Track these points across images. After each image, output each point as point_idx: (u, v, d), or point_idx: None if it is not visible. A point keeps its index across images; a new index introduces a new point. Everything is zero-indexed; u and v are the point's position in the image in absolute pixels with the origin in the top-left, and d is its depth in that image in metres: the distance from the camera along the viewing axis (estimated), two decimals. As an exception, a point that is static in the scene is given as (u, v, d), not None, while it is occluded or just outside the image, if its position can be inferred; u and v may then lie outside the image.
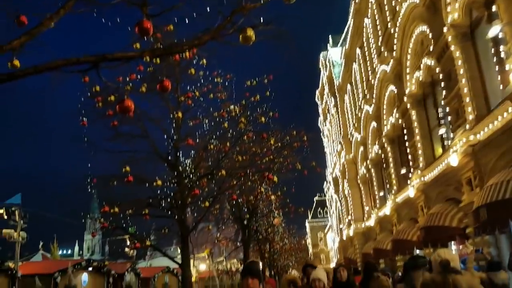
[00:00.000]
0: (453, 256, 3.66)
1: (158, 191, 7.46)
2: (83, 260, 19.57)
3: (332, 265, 62.23)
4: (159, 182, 6.83)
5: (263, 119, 9.29)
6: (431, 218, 14.24)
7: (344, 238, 37.46)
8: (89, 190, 7.28)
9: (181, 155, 8.02)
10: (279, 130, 13.80)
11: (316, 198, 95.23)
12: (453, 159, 12.96)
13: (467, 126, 12.40)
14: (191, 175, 7.74)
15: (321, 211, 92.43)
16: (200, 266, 58.07)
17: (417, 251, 19.63)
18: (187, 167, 8.25)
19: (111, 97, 7.60)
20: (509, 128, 10.44)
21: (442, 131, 15.43)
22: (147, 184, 6.96)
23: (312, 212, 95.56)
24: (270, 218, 21.90)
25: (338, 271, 6.32)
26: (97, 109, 7.76)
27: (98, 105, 7.74)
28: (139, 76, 8.02)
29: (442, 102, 15.56)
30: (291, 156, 13.62)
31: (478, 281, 3.68)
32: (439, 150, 16.51)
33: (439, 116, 16.25)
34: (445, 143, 15.85)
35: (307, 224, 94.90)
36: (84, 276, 18.11)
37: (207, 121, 9.58)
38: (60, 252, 75.25)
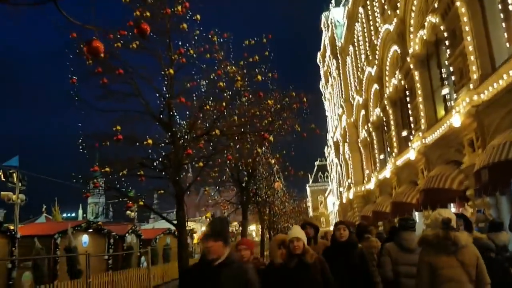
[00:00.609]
0: (452, 215, 3.84)
1: (150, 151, 7.22)
2: (84, 221, 19.61)
3: (331, 228, 63.07)
4: (150, 141, 6.57)
5: (259, 77, 8.90)
6: (431, 180, 14.12)
7: (344, 201, 37.73)
8: (81, 150, 7.07)
9: (176, 114, 7.73)
10: (278, 91, 13.38)
11: (317, 163, 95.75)
12: (456, 119, 12.68)
13: (471, 86, 12.04)
14: (186, 136, 7.49)
15: (322, 175, 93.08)
16: (203, 228, 59.25)
17: (416, 214, 19.71)
18: (183, 128, 7.98)
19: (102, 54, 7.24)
20: (515, 87, 10.11)
21: (445, 91, 15.06)
22: (137, 143, 6.70)
23: (313, 176, 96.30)
24: (271, 181, 21.80)
25: (338, 229, 5.16)
26: (88, 67, 7.42)
27: (88, 63, 7.39)
28: (130, 34, 7.62)
29: (446, 62, 15.11)
30: (291, 118, 13.29)
31: (471, 239, 3.88)
32: (441, 112, 16.20)
33: (443, 76, 15.84)
34: (447, 105, 15.52)
35: (307, 188, 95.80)
36: (85, 238, 18.27)
37: (204, 82, 9.22)
38: (64, 215, 76.23)
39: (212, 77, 8.52)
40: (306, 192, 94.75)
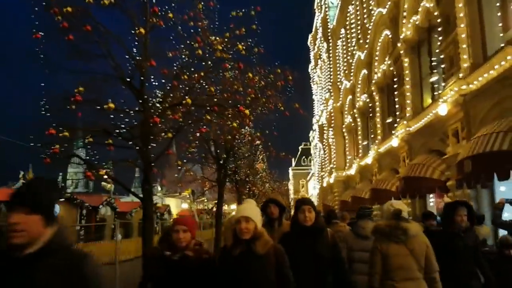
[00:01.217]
0: (404, 207, 4.11)
1: (120, 118, 6.67)
2: (55, 190, 19.00)
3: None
4: (112, 105, 6.05)
5: (240, 46, 8.36)
6: (413, 168, 13.90)
7: (325, 185, 37.73)
8: (43, 112, 6.50)
9: (149, 82, 7.18)
10: (263, 66, 12.81)
11: (301, 147, 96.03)
12: (442, 108, 12.38)
13: (461, 75, 11.71)
14: (157, 104, 6.98)
15: (305, 159, 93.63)
16: (182, 205, 58.97)
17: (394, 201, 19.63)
18: (156, 97, 7.45)
19: (68, 8, 6.63)
20: (505, 77, 9.79)
21: (434, 78, 14.72)
22: (99, 107, 6.16)
23: (296, 159, 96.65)
24: (252, 161, 21.42)
25: (302, 210, 3.88)
26: (56, 23, 6.79)
27: (57, 18, 6.76)
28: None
29: (437, 50, 14.76)
30: (274, 97, 12.77)
31: (421, 229, 4.11)
32: (428, 101, 15.91)
33: (432, 64, 15.48)
34: (435, 94, 15.21)
35: (290, 171, 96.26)
36: (55, 207, 17.71)
37: (183, 49, 8.65)
38: None
39: (191, 44, 7.95)
40: (288, 175, 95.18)
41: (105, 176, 7.26)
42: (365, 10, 24.08)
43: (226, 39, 8.21)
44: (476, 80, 10.95)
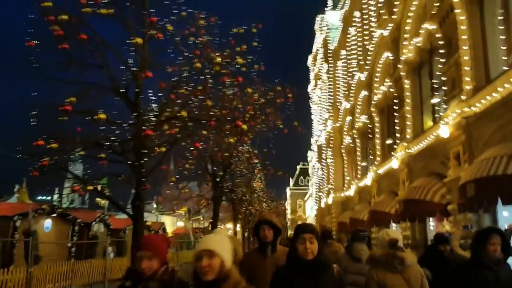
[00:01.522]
0: (399, 235, 4.10)
1: (104, 128, 6.42)
2: (48, 205, 18.57)
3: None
4: (103, 116, 5.81)
5: (239, 60, 8.19)
6: (412, 191, 13.63)
7: (323, 206, 37.28)
8: (34, 123, 6.25)
9: (144, 92, 6.96)
10: (262, 83, 12.70)
11: (299, 166, 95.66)
12: (444, 130, 12.17)
13: (463, 97, 11.54)
14: (153, 118, 6.75)
15: (303, 179, 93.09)
16: (178, 223, 58.19)
17: (394, 225, 19.27)
18: (152, 110, 7.22)
19: (63, 16, 6.45)
20: (509, 100, 9.61)
21: (435, 100, 14.54)
22: (90, 118, 5.92)
23: (294, 179, 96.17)
24: (250, 179, 21.11)
25: (302, 240, 3.08)
26: (51, 31, 6.61)
27: (52, 27, 6.58)
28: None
29: (438, 72, 14.67)
30: (273, 114, 12.62)
31: (416, 259, 4.14)
32: (428, 123, 15.73)
33: (433, 86, 15.35)
34: (435, 116, 15.03)
35: (288, 191, 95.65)
36: (47, 222, 17.30)
37: (181, 62, 8.47)
38: (39, 197, 73.76)
39: (189, 56, 7.76)
40: (285, 195, 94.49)
41: (98, 189, 6.97)
42: (366, 32, 24.15)
43: (225, 54, 8.03)
44: (479, 102, 10.77)
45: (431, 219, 15.14)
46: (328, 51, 35.37)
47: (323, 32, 37.90)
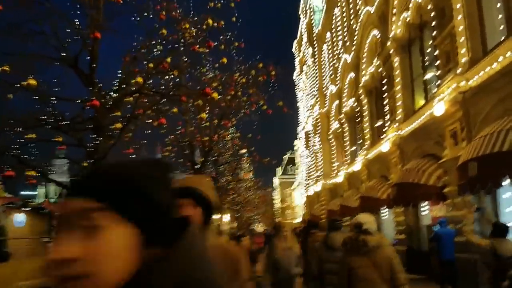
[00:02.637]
0: (368, 219, 4.05)
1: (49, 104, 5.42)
2: (19, 199, 17.36)
3: (298, 220, 62.29)
4: (32, 81, 4.78)
5: (210, 21, 7.18)
6: (406, 174, 12.85)
7: (312, 193, 36.60)
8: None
9: (104, 67, 5.93)
10: (243, 62, 11.71)
11: (287, 155, 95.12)
12: (439, 108, 11.36)
13: (459, 71, 10.72)
14: (112, 93, 5.75)
15: (291, 168, 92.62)
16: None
17: (386, 210, 18.57)
18: (111, 89, 6.19)
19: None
20: (509, 71, 8.80)
21: (429, 75, 13.68)
22: (19, 85, 4.91)
23: (282, 168, 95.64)
24: (235, 167, 20.17)
25: None
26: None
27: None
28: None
29: (429, 49, 13.87)
30: (257, 95, 11.65)
31: (387, 242, 4.11)
32: (420, 102, 14.94)
33: (425, 63, 14.53)
34: (428, 94, 14.23)
35: (276, 180, 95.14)
36: (20, 217, 16.15)
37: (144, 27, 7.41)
38: (22, 193, 71.46)
39: (151, 17, 6.69)
40: (272, 184, 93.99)
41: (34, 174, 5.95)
42: (351, 11, 23.23)
43: (195, 18, 7.02)
44: (477, 75, 9.97)
45: (424, 203, 14.43)
46: (313, 35, 34.38)
47: (307, 15, 36.88)
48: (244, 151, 18.77)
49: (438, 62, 12.39)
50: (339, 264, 4.09)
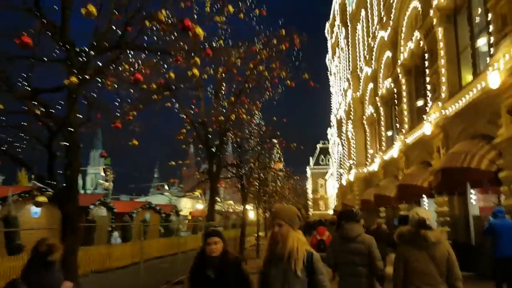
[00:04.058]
0: (429, 215, 4.01)
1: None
2: (32, 187, 16.76)
3: (330, 212, 60.67)
4: None
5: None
6: (453, 158, 11.24)
7: (344, 183, 34.95)
8: None
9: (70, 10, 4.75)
10: (264, 33, 10.45)
11: (319, 145, 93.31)
12: (494, 79, 9.69)
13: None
14: (90, 51, 4.61)
15: (324, 158, 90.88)
16: (197, 205, 56.70)
17: (425, 201, 16.89)
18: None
19: None
20: None
21: (481, 41, 11.80)
22: None
23: (315, 159, 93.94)
24: (262, 155, 19.01)
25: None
26: None
27: None
28: None
29: (478, 18, 12.11)
30: (279, 68, 10.33)
31: (445, 236, 4.50)
32: (467, 78, 13.17)
33: (474, 32, 12.74)
34: (477, 67, 12.45)
35: (308, 171, 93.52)
36: (35, 208, 15.55)
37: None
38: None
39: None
40: (306, 174, 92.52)
41: None
42: (388, -16, 21.34)
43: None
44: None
45: (472, 191, 12.74)
46: (347, 15, 32.46)
47: (340, -4, 34.93)
48: (274, 141, 17.56)
49: (491, 27, 10.64)
50: (395, 257, 4.05)
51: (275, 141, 17.90)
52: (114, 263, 17.97)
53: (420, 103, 16.50)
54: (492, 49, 10.60)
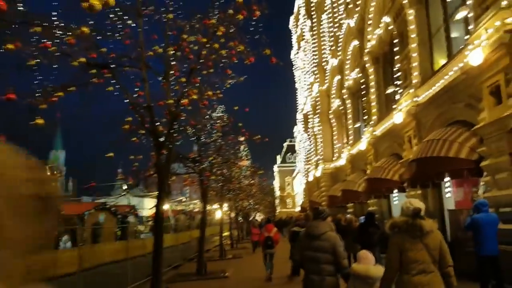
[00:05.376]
0: (421, 204, 4.13)
1: None
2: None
3: (297, 209, 59.93)
4: None
5: None
6: (428, 147, 10.24)
7: (311, 179, 34.04)
8: None
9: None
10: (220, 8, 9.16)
11: (286, 143, 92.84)
12: (475, 56, 8.69)
13: (504, 3, 8.05)
14: None
15: (291, 156, 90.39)
16: (164, 206, 54.26)
17: (396, 196, 16.02)
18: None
19: None
20: None
21: (461, 14, 10.70)
22: None
23: (282, 156, 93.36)
24: (223, 150, 17.67)
25: None
26: None
27: None
28: None
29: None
30: (236, 41, 9.05)
31: (436, 225, 4.19)
32: (439, 62, 12.29)
33: (447, 12, 11.85)
34: (452, 50, 11.54)
35: (275, 168, 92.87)
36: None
37: None
38: None
39: None
40: (273, 173, 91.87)
41: None
42: (354, -30, 20.41)
43: None
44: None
45: (447, 184, 11.86)
46: (311, 6, 31.49)
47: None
48: (241, 139, 16.34)
49: (469, 1, 9.69)
50: (390, 244, 4.15)
51: (241, 139, 16.61)
52: (60, 270, 16.13)
53: (389, 90, 15.55)
54: (471, 26, 9.65)
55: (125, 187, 50.34)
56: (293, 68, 46.47)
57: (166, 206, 49.61)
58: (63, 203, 22.22)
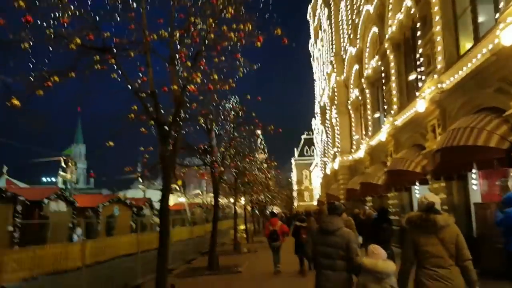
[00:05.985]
0: (437, 199, 4.13)
1: None
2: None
3: (315, 203, 59.24)
4: None
5: None
6: (453, 136, 9.51)
7: (328, 172, 33.30)
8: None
9: None
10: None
11: (303, 136, 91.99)
12: (507, 36, 7.92)
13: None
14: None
15: (308, 149, 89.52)
16: (179, 198, 54.10)
17: (417, 188, 15.25)
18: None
19: None
20: None
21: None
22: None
23: (299, 150, 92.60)
24: (244, 146, 17.32)
25: None
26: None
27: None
28: None
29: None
30: (245, 20, 8.52)
31: (453, 220, 4.10)
32: (465, 46, 11.47)
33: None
34: (479, 31, 10.70)
35: (293, 162, 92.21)
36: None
37: None
38: (44, 180, 70.22)
39: None
40: (290, 166, 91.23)
41: None
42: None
43: None
44: None
45: (473, 176, 11.08)
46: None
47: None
48: (258, 132, 15.97)
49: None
50: (405, 241, 4.17)
51: (258, 132, 16.19)
52: (72, 263, 15.93)
53: (412, 77, 14.74)
54: (501, 4, 8.84)
55: (140, 180, 50.45)
56: (311, 59, 45.56)
57: (182, 199, 49.55)
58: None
